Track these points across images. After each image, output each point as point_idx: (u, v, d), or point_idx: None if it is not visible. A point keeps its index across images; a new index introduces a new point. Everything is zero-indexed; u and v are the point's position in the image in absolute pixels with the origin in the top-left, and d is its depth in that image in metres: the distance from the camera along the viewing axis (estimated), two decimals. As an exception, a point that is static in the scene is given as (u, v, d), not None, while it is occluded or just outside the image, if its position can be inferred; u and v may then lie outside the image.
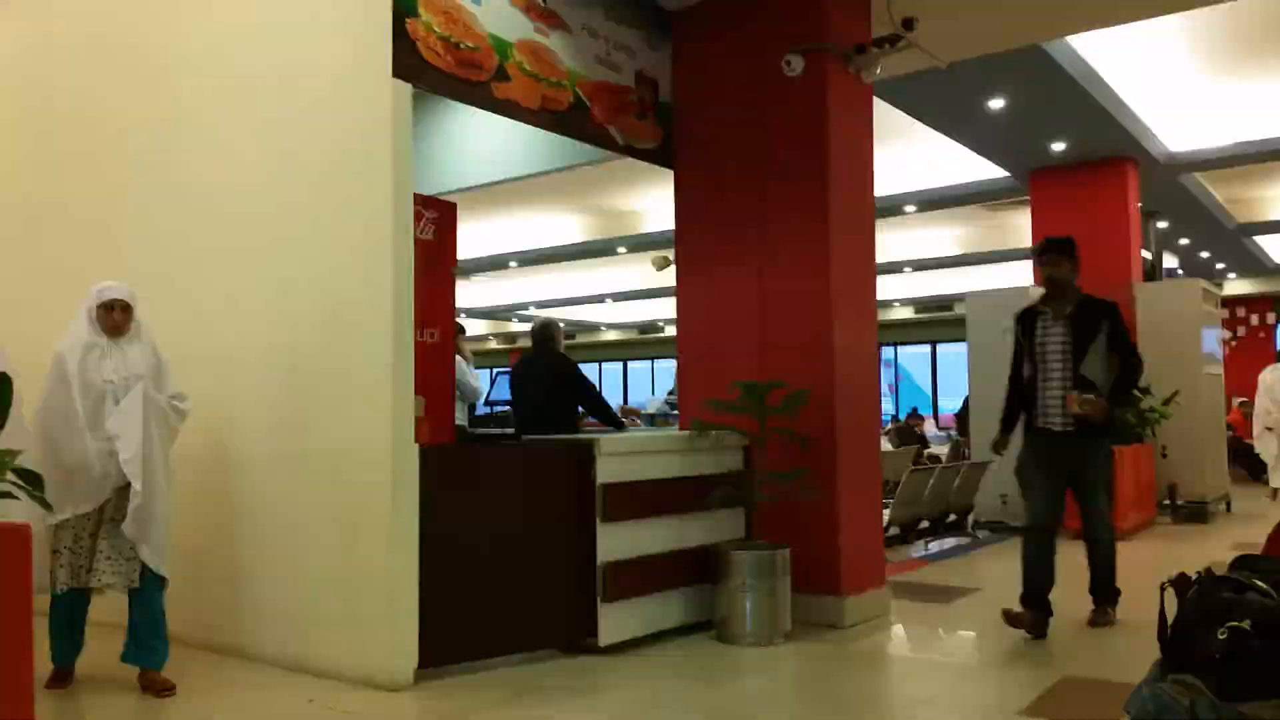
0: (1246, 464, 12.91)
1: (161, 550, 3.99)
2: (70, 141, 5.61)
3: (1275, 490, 11.31)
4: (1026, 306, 5.27)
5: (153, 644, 4.01)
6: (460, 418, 6.57)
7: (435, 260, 5.04)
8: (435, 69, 4.45)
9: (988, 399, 9.16)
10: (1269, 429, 11.39)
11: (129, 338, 4.10)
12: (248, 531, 4.58)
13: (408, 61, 4.30)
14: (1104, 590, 5.27)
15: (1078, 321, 5.04)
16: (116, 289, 4.08)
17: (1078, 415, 4.91)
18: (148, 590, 4.00)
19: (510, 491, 4.49)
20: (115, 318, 4.05)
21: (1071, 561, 5.27)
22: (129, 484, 3.89)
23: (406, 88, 4.28)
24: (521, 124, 5.21)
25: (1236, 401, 14.41)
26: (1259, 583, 2.07)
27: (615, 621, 4.62)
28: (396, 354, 4.12)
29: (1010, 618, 4.94)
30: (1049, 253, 5.13)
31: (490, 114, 5.01)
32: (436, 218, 5.10)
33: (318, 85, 4.51)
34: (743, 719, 3.81)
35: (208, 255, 4.89)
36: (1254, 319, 21.03)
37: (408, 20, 4.31)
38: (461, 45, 4.59)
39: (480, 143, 8.23)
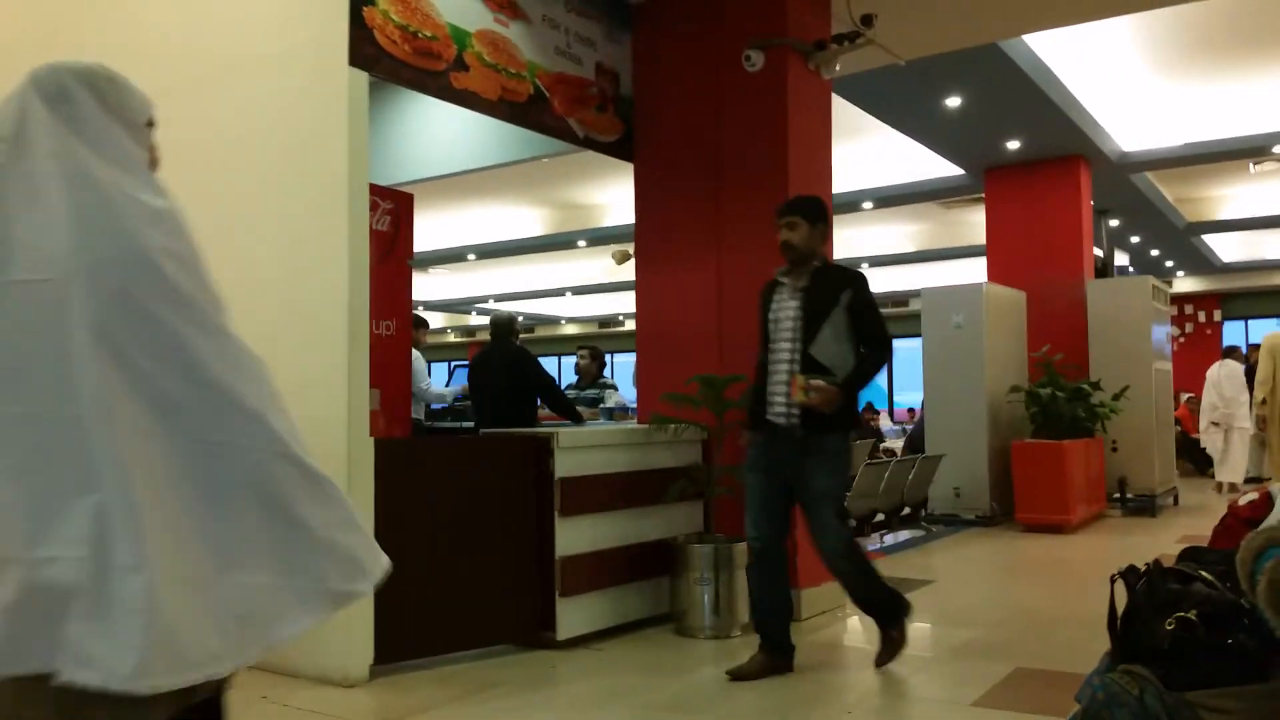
0: (1194, 458, 13.19)
1: None
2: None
3: (1221, 484, 11.56)
4: (771, 280, 4.41)
5: None
6: (417, 411, 6.53)
7: (391, 252, 5.00)
8: (392, 58, 4.40)
9: (942, 394, 9.29)
10: (1215, 424, 11.64)
11: None
12: None
13: (365, 50, 4.25)
14: (876, 611, 4.28)
15: (811, 294, 4.15)
16: None
17: (803, 405, 4.01)
18: None
19: (467, 485, 4.46)
20: None
21: (1024, 551, 5.35)
22: None
23: (363, 76, 4.23)
24: (480, 115, 5.17)
25: (1184, 397, 14.70)
26: (1205, 574, 2.10)
27: (573, 616, 4.61)
28: (351, 346, 4.08)
29: (734, 672, 4.09)
30: (785, 214, 4.24)
31: (448, 104, 4.97)
32: (393, 209, 5.05)
33: (272, 73, 4.44)
34: (700, 711, 3.82)
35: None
36: (1201, 316, 21.47)
37: (365, 8, 4.25)
38: (420, 34, 4.54)
39: (438, 134, 8.16)
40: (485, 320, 18.12)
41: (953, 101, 8.58)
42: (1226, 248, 17.65)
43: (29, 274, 1.38)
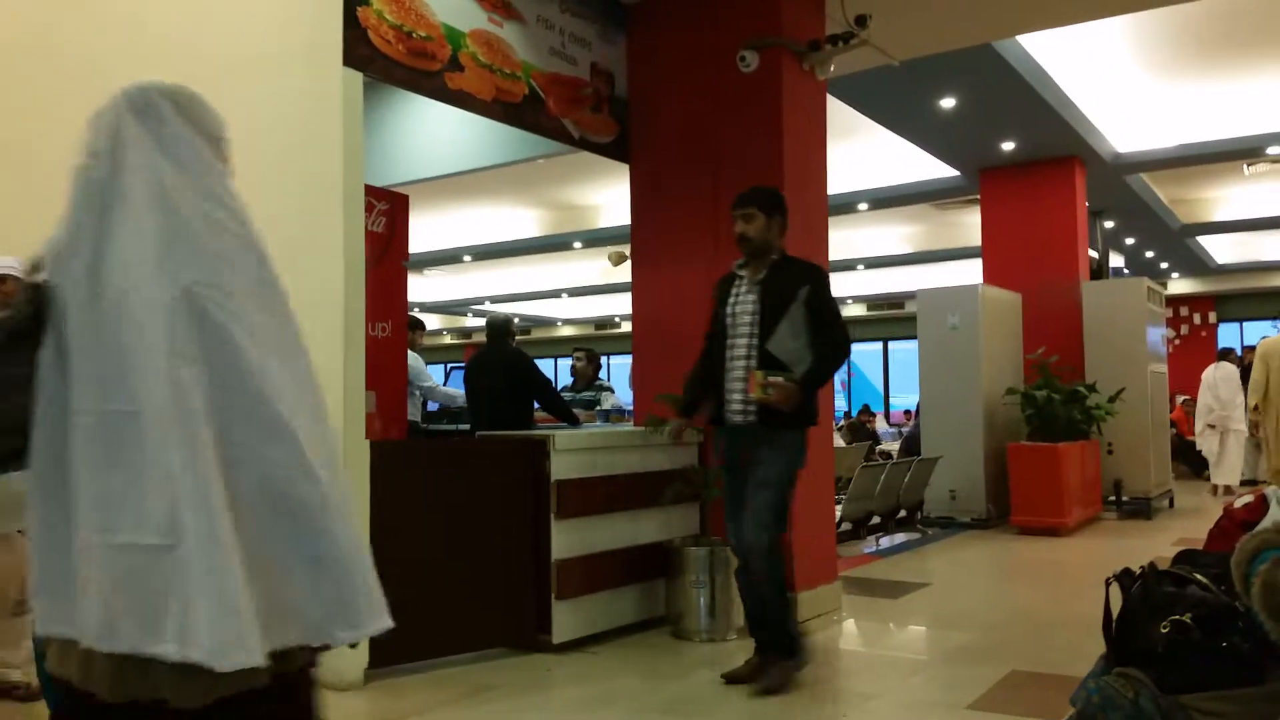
0: (1189, 461, 13.20)
1: None
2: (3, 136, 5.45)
3: (1216, 486, 11.57)
4: (728, 272, 4.31)
5: None
6: (413, 413, 6.51)
7: (386, 253, 4.98)
8: (387, 58, 4.39)
9: (938, 396, 9.30)
10: (1211, 426, 11.65)
11: None
12: None
13: (359, 50, 4.24)
14: (769, 636, 4.03)
15: (769, 287, 4.05)
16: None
17: (760, 401, 3.92)
18: None
19: (463, 488, 4.45)
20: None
21: (1020, 554, 5.35)
22: None
23: (358, 77, 4.22)
24: (475, 116, 5.16)
25: (1179, 399, 14.73)
26: (1200, 577, 2.10)
27: (568, 619, 4.60)
28: (347, 348, 4.06)
29: (729, 676, 4.08)
30: (740, 206, 4.12)
31: (443, 105, 4.96)
32: (388, 210, 5.04)
33: (267, 74, 4.42)
34: (696, 715, 3.81)
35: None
36: (1196, 318, 21.51)
37: (359, 8, 4.24)
38: (414, 34, 4.53)
39: (433, 134, 8.15)
40: (481, 322, 18.13)
41: (947, 102, 8.58)
42: (1221, 249, 17.69)
43: (123, 283, 1.48)
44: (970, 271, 13.57)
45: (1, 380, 1.51)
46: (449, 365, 17.85)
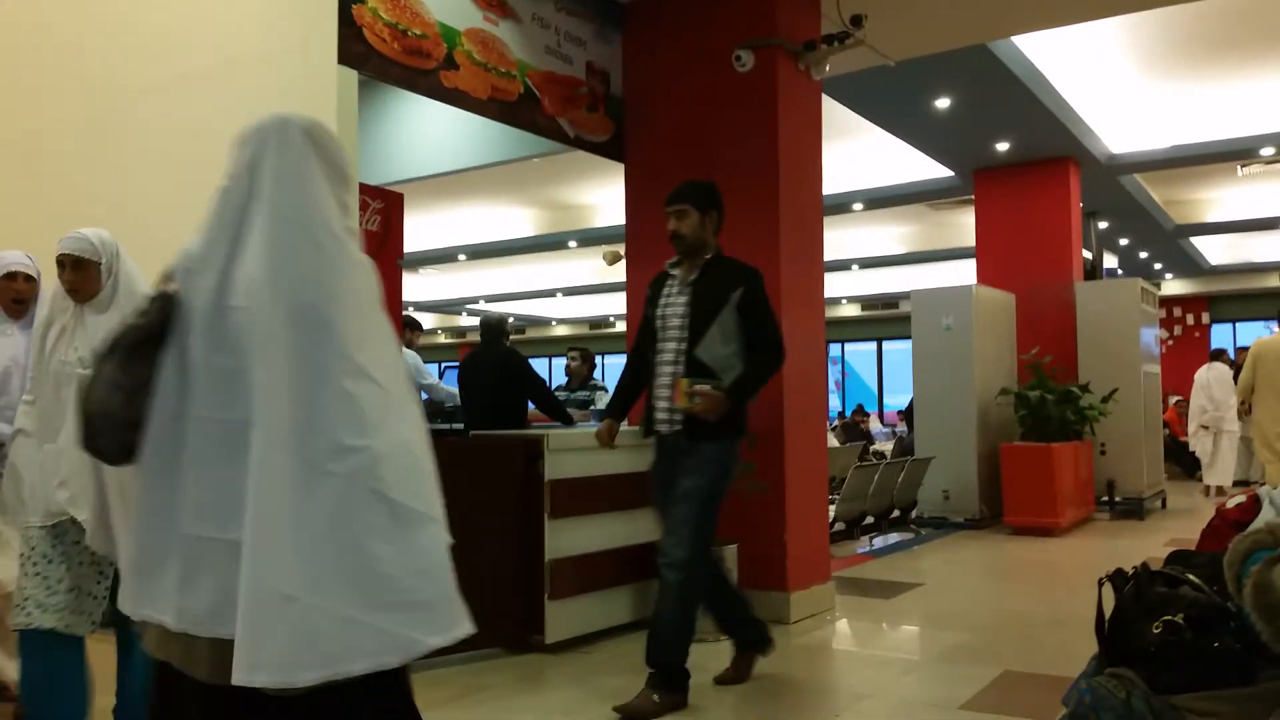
0: (1182, 461, 13.23)
1: None
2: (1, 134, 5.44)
3: (1209, 487, 11.60)
4: (661, 272, 4.08)
5: (138, 707, 3.10)
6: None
7: (381, 252, 4.98)
8: (382, 56, 4.38)
9: (932, 396, 9.31)
10: (1204, 427, 11.67)
11: (97, 305, 3.19)
12: None
13: (354, 48, 4.23)
14: (656, 658, 3.76)
15: (700, 289, 3.82)
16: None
17: (686, 411, 3.71)
18: (134, 648, 3.09)
19: (456, 487, 4.40)
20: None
21: (1012, 554, 5.37)
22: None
23: (352, 74, 4.22)
24: (470, 114, 5.16)
25: (1172, 400, 14.76)
26: (1192, 577, 2.11)
27: (562, 619, 4.60)
28: (340, 346, 4.05)
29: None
30: (672, 202, 3.90)
31: (438, 103, 4.96)
32: (383, 208, 5.03)
33: (261, 71, 4.41)
34: (689, 714, 3.81)
35: (148, 249, 4.76)
36: (1190, 319, 21.56)
37: (354, 6, 4.24)
38: (409, 32, 4.53)
39: (428, 133, 8.14)
40: (475, 321, 18.10)
41: (942, 103, 8.59)
42: (1214, 250, 17.73)
43: (246, 302, 1.60)
44: (964, 272, 13.60)
45: (130, 381, 1.64)
46: (443, 364, 17.85)
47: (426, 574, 1.70)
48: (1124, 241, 15.66)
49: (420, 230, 13.66)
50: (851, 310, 22.89)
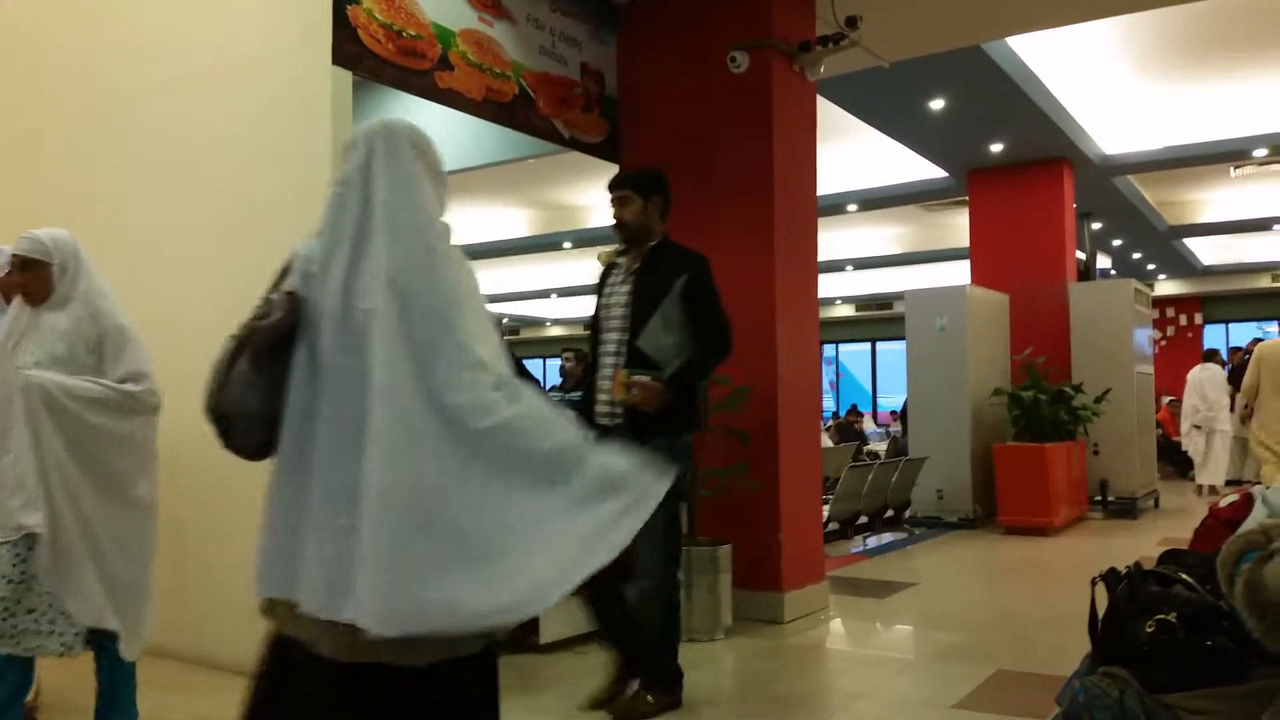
0: (1174, 461, 13.27)
1: (105, 603, 3.00)
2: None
3: (1201, 486, 11.63)
4: (609, 262, 3.96)
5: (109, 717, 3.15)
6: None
7: (375, 252, 4.98)
8: (376, 57, 4.38)
9: (926, 397, 9.33)
10: (1197, 427, 11.70)
11: (51, 305, 3.04)
12: (203, 529, 4.42)
13: (348, 49, 4.22)
14: (638, 661, 3.67)
15: (644, 278, 3.66)
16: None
17: (625, 403, 3.55)
18: (103, 653, 3.10)
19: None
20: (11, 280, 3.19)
21: (1006, 553, 5.38)
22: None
23: (347, 75, 4.21)
24: (465, 115, 5.15)
25: (1165, 400, 14.81)
26: (1185, 576, 2.11)
27: (556, 619, 4.60)
28: (334, 347, 4.05)
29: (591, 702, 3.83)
30: (615, 188, 3.79)
31: (433, 104, 4.95)
32: (377, 209, 5.03)
33: (256, 72, 4.41)
34: (683, 714, 3.81)
35: (145, 246, 4.76)
36: (1183, 319, 21.62)
37: (349, 7, 4.23)
38: (404, 33, 4.52)
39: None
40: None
41: (936, 104, 8.61)
42: (1207, 251, 17.79)
43: (365, 303, 1.69)
44: (958, 273, 13.63)
45: (268, 381, 1.74)
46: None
47: (547, 543, 1.72)
48: (1117, 242, 15.71)
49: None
50: (846, 311, 22.92)
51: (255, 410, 1.75)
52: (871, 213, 13.65)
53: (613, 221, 3.78)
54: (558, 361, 8.37)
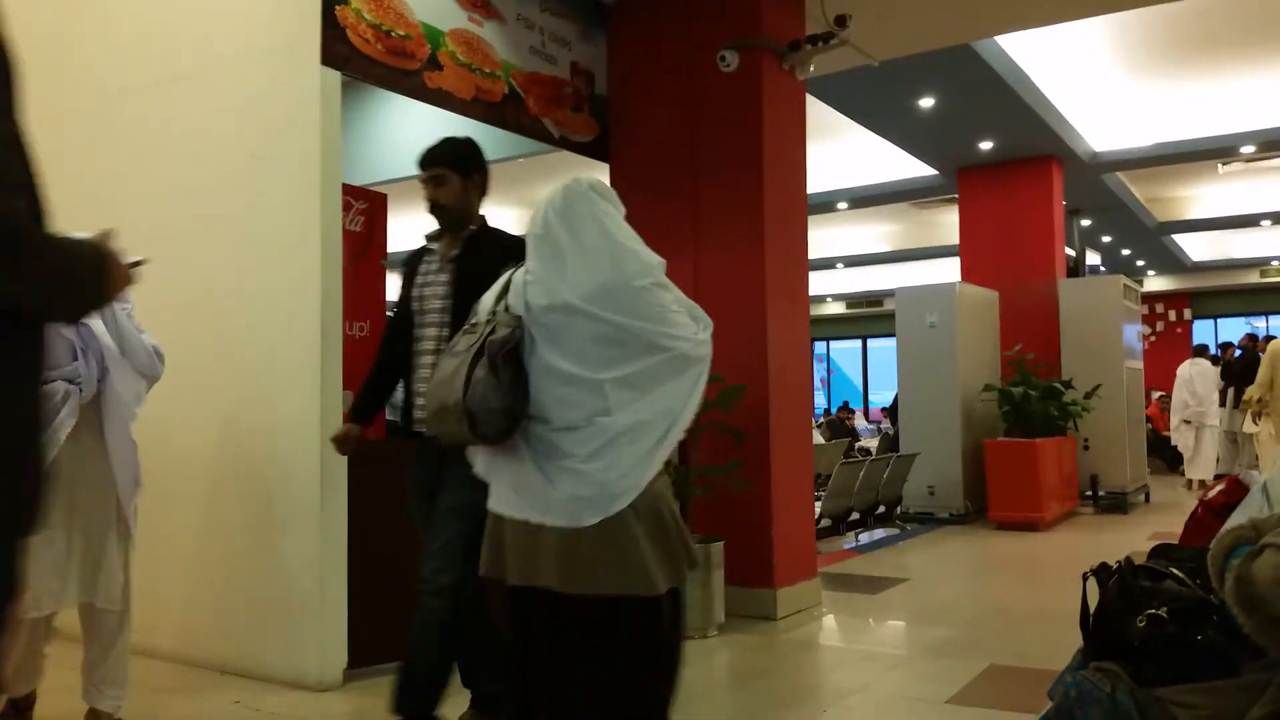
0: (1164, 456, 13.33)
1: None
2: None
3: (1191, 481, 11.69)
4: (419, 247, 3.49)
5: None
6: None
7: (365, 252, 4.96)
8: (365, 56, 4.37)
9: (916, 393, 9.35)
10: (1187, 421, 11.76)
11: None
12: (172, 529, 4.44)
13: (337, 49, 4.21)
14: (408, 707, 3.06)
15: (464, 266, 3.23)
16: None
17: None
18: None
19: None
20: None
21: (997, 549, 5.40)
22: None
23: (336, 75, 4.20)
24: (454, 115, 5.14)
25: (1155, 395, 14.87)
26: (1176, 571, 2.12)
27: (549, 616, 4.59)
28: (324, 347, 4.05)
29: None
30: (428, 166, 3.33)
31: (422, 104, 4.94)
32: (366, 208, 5.01)
33: (245, 72, 4.40)
34: (676, 710, 3.81)
35: (133, 244, 4.73)
36: (1171, 315, 21.73)
37: (337, 7, 4.22)
38: (393, 33, 4.51)
39: (412, 133, 8.11)
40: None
41: (926, 102, 8.63)
42: (1196, 247, 17.86)
43: (577, 300, 2.21)
44: (948, 270, 13.67)
45: (505, 383, 2.19)
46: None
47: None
48: (1106, 239, 15.76)
49: (405, 230, 13.59)
50: (837, 308, 22.95)
51: (497, 406, 2.19)
52: (862, 210, 13.67)
53: (428, 203, 3.30)
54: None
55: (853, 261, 18.06)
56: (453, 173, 3.30)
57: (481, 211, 3.42)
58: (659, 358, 2.23)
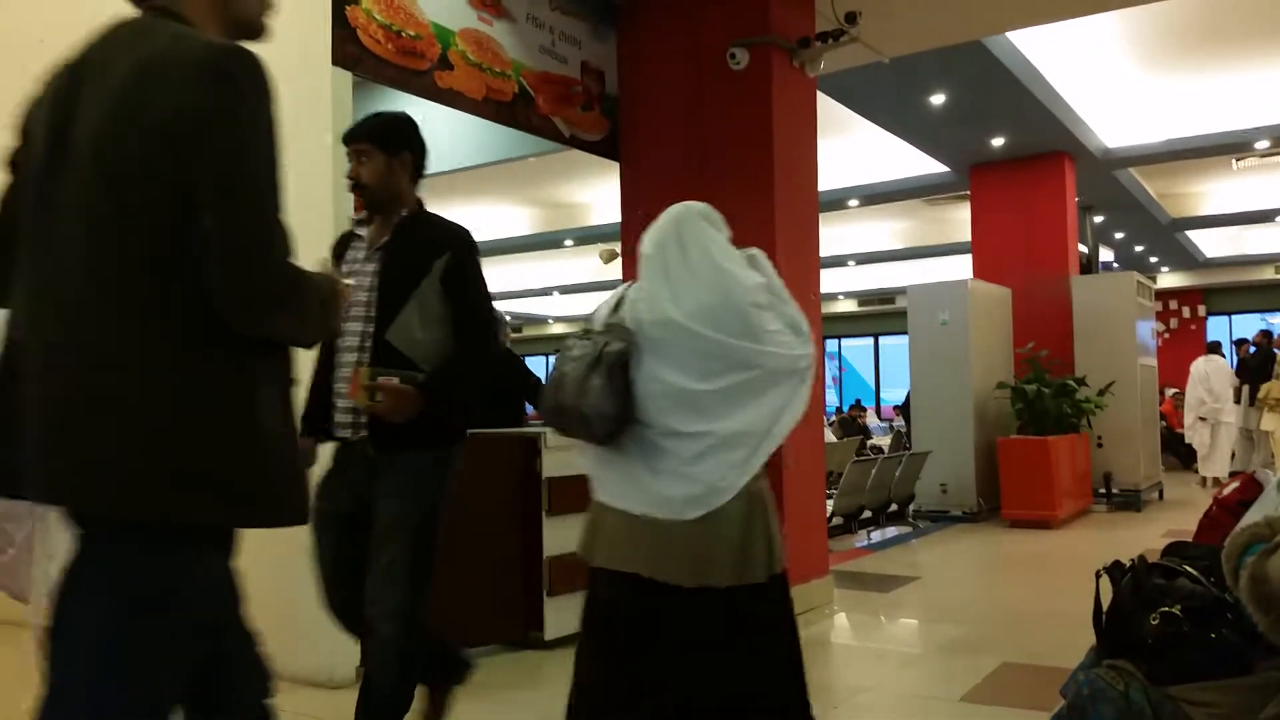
0: (1178, 453, 13.26)
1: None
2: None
3: (1205, 478, 11.63)
4: (345, 231, 3.19)
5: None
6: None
7: (377, 252, 4.97)
8: (376, 57, 4.38)
9: (929, 391, 9.33)
10: (1202, 419, 11.67)
11: None
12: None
13: (347, 49, 4.23)
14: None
15: (394, 255, 2.89)
16: None
17: (368, 410, 2.75)
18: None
19: (453, 485, 4.43)
20: None
21: (1010, 547, 5.38)
22: None
23: (347, 76, 4.21)
24: (465, 114, 5.15)
25: (1169, 392, 14.79)
26: (1189, 569, 2.11)
27: (561, 615, 4.60)
28: (337, 347, 4.05)
29: None
30: (351, 140, 2.96)
31: (433, 104, 4.95)
32: (378, 209, 5.03)
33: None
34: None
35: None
36: (1185, 311, 21.60)
37: (348, 7, 4.24)
38: (403, 33, 4.53)
39: (423, 133, 8.13)
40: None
41: (937, 99, 8.60)
42: (1210, 243, 17.76)
43: (682, 318, 2.42)
44: (960, 267, 13.62)
45: (617, 390, 2.39)
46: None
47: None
48: (1119, 235, 15.68)
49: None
50: (848, 306, 22.90)
51: (610, 411, 2.38)
52: (873, 208, 13.63)
53: (350, 182, 2.95)
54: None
55: (864, 259, 18.02)
56: (376, 149, 2.93)
57: (419, 195, 3.08)
58: (754, 373, 2.43)
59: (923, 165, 11.08)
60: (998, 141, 9.98)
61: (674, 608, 2.39)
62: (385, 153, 2.94)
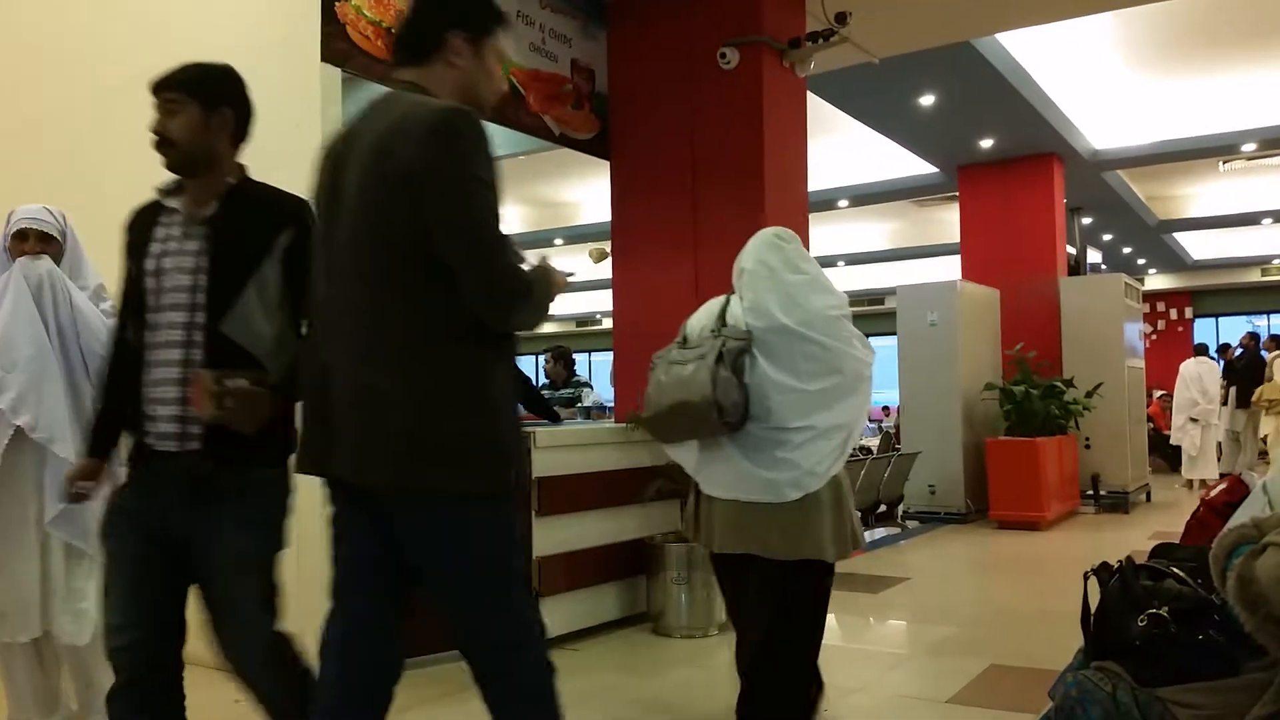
0: (1166, 455, 13.30)
1: None
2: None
3: (1192, 481, 11.66)
4: (149, 201, 2.59)
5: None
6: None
7: (366, 250, 4.96)
8: (365, 54, 4.36)
9: (918, 392, 9.34)
10: (1193, 420, 11.68)
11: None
12: None
13: (337, 46, 4.21)
14: None
15: (222, 232, 2.40)
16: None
17: (215, 420, 2.19)
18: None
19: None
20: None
21: (998, 548, 5.39)
22: None
23: (336, 73, 4.19)
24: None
25: (1156, 394, 14.84)
26: (1177, 570, 2.12)
27: (550, 616, 4.54)
28: (325, 345, 4.04)
29: None
30: (161, 90, 2.51)
31: (422, 102, 4.93)
32: (367, 207, 5.02)
33: (244, 69, 4.35)
34: (679, 710, 3.82)
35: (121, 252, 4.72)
36: (1173, 313, 21.70)
37: (337, 4, 4.22)
38: (392, 30, 4.50)
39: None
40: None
41: (926, 100, 8.62)
42: (1197, 245, 17.85)
43: (794, 324, 2.87)
44: (949, 268, 13.64)
45: (740, 381, 2.83)
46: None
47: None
48: (1107, 237, 15.75)
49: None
50: (837, 306, 22.88)
51: (739, 400, 2.79)
52: (863, 208, 13.66)
53: (155, 137, 2.50)
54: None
55: (853, 259, 18.05)
56: (189, 99, 2.46)
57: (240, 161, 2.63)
58: (847, 375, 2.88)
59: (912, 166, 11.10)
60: (986, 143, 10.01)
61: (775, 575, 2.87)
62: (201, 105, 2.47)
